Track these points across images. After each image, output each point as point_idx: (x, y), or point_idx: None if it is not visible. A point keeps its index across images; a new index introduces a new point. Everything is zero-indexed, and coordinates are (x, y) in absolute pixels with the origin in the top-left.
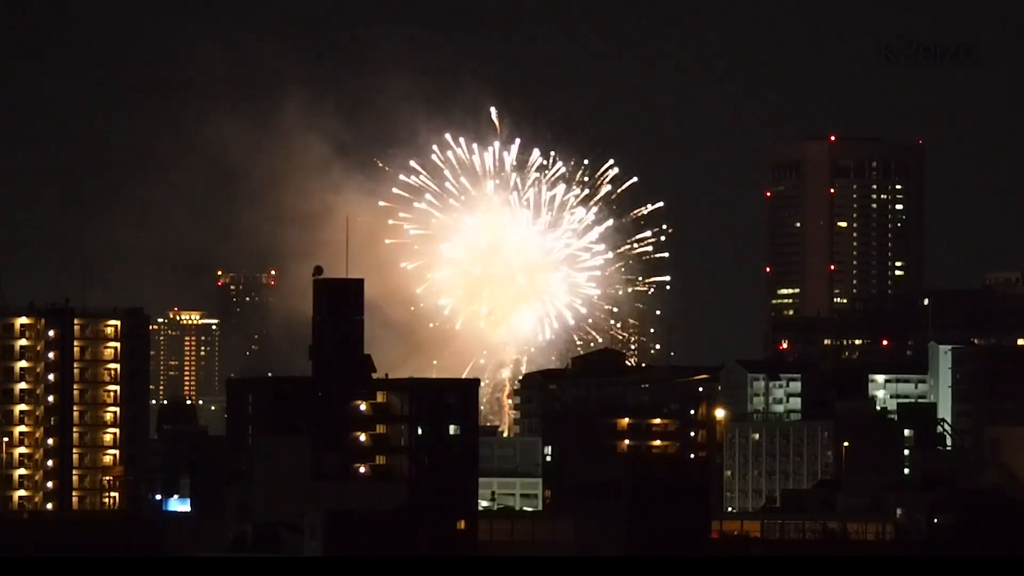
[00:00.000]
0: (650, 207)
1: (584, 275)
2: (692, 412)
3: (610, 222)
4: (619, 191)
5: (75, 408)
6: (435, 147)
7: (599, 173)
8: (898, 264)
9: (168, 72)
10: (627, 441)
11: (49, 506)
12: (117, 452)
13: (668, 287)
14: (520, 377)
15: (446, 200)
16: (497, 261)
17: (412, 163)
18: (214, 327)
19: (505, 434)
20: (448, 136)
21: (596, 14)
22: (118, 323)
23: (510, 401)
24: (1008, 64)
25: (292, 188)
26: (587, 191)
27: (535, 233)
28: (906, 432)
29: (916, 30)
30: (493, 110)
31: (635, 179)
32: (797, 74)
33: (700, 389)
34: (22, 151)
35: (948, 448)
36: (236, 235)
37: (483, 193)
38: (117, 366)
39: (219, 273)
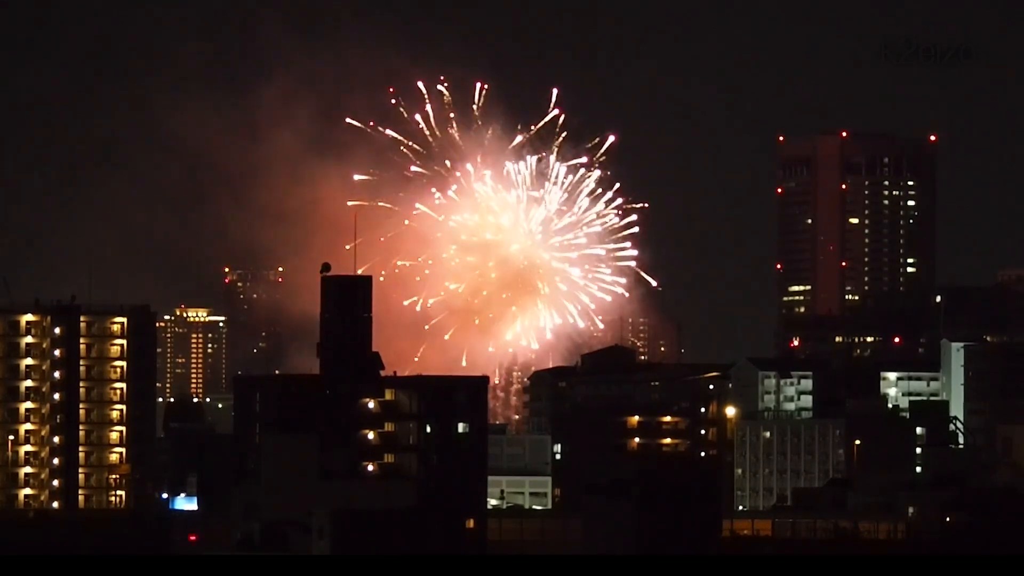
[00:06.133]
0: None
1: (587, 270)
2: (703, 410)
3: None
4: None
5: (81, 406)
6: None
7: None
8: (910, 261)
9: (142, 58)
10: (637, 439)
11: (55, 504)
12: (123, 450)
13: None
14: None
15: (442, 189)
16: (496, 257)
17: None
18: (221, 324)
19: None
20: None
21: (605, 11)
22: (124, 320)
23: (523, 397)
24: (1021, 62)
25: (280, 183)
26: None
27: (537, 227)
28: (918, 430)
29: (916, 30)
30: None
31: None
32: (808, 70)
33: (711, 387)
34: (12, 146)
35: (960, 446)
36: (226, 232)
37: (483, 185)
38: (123, 363)
39: (227, 270)
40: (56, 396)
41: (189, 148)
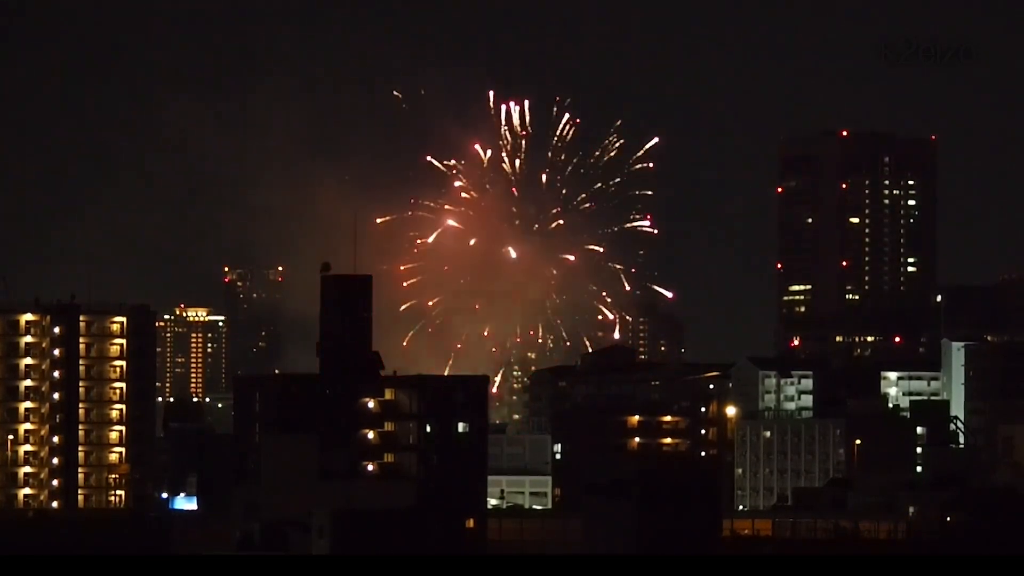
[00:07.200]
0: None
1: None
2: (703, 410)
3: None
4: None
5: (81, 406)
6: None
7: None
8: (911, 261)
9: (140, 58)
10: (637, 439)
11: (55, 504)
12: (123, 450)
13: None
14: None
15: (439, 186)
16: (494, 258)
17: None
18: (221, 323)
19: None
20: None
21: (604, 11)
22: (124, 320)
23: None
24: (1021, 62)
25: (278, 182)
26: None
27: (535, 228)
28: (918, 430)
29: (916, 30)
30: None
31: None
32: (809, 70)
33: (711, 386)
34: (12, 146)
35: (961, 446)
36: (225, 231)
37: (483, 189)
38: (123, 363)
39: (226, 269)
40: (56, 396)
41: (188, 148)
